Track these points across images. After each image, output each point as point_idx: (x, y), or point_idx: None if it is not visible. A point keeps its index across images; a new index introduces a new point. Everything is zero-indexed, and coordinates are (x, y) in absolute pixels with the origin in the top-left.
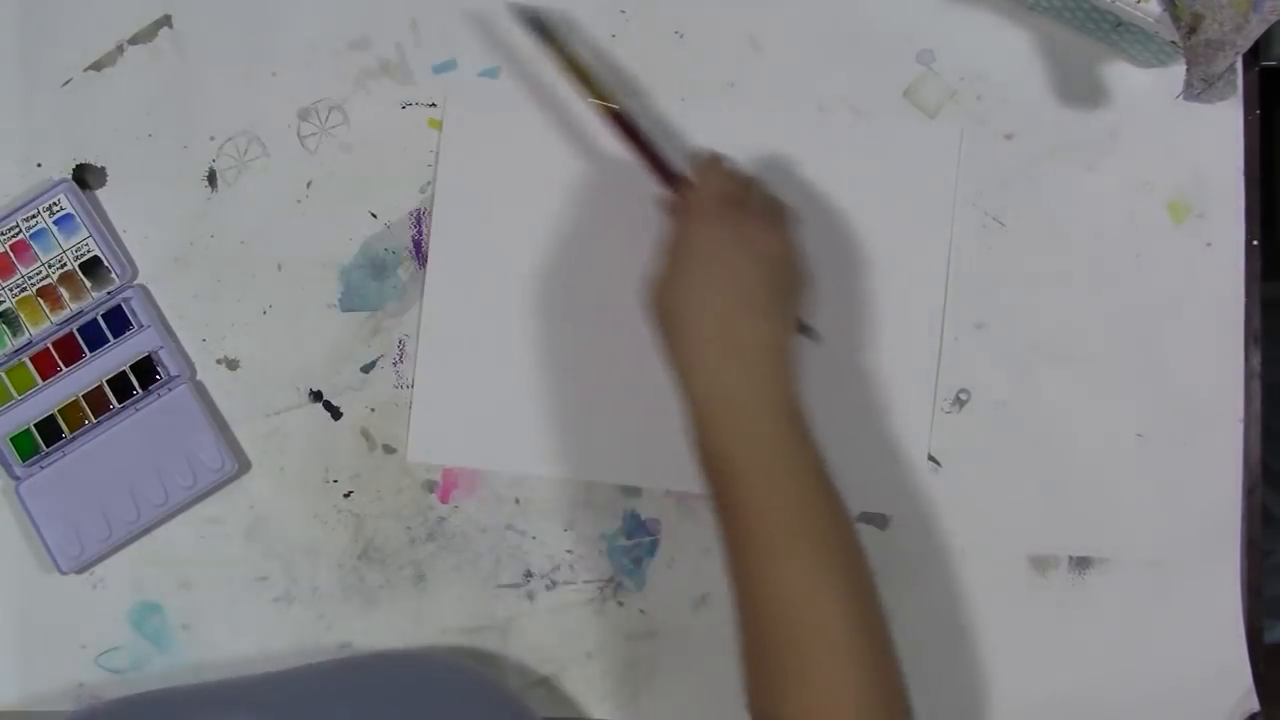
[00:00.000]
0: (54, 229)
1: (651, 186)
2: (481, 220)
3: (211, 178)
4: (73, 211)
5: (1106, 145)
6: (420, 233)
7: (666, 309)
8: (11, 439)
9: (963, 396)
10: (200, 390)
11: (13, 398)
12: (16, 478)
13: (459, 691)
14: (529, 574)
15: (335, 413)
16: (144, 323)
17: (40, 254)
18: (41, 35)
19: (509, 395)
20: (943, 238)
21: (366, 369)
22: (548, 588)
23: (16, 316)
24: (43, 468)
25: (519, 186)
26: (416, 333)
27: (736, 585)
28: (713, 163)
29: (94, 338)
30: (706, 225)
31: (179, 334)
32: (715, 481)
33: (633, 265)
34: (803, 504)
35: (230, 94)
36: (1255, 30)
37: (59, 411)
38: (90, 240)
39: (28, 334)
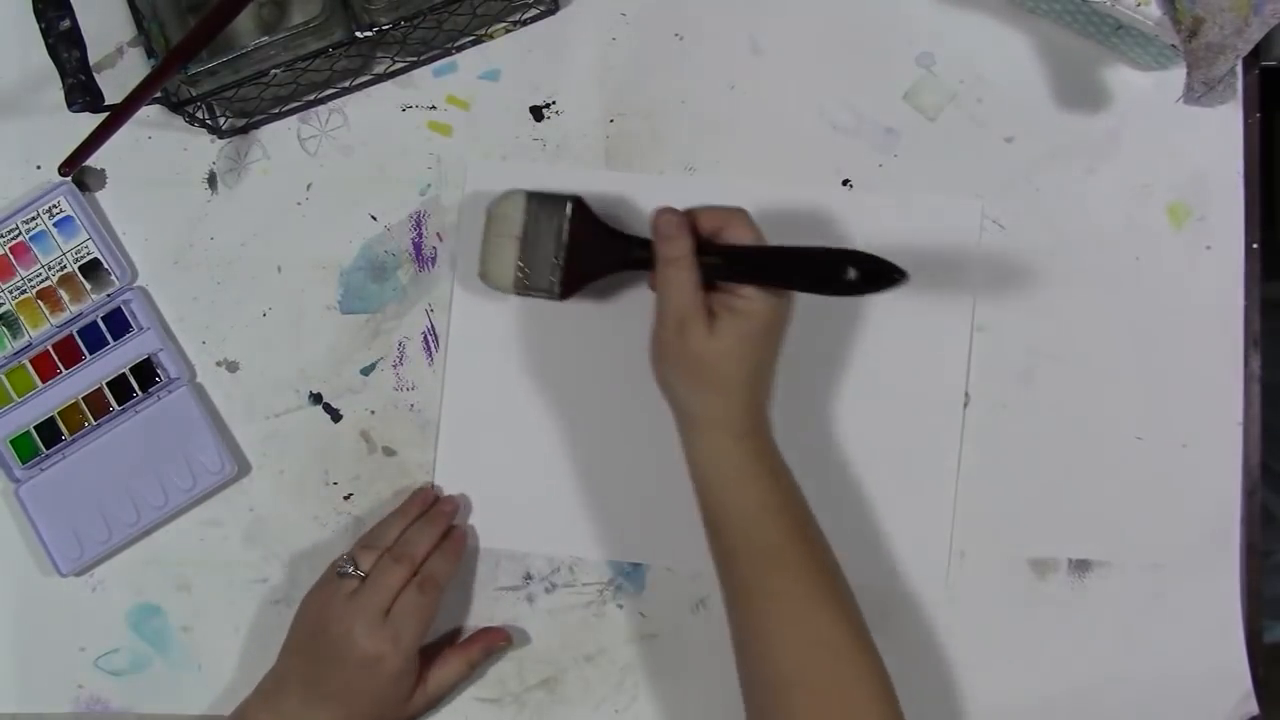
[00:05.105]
0: (54, 231)
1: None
2: (500, 300)
3: (211, 180)
4: (72, 214)
5: (1107, 148)
6: (420, 235)
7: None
8: (11, 441)
9: (963, 399)
10: (200, 392)
11: (12, 400)
12: (16, 480)
13: None
14: (528, 576)
15: (335, 415)
16: (144, 325)
17: (40, 256)
18: (41, 37)
19: (528, 478)
20: (965, 317)
21: (366, 371)
22: (547, 590)
23: (16, 319)
24: (42, 470)
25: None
26: (438, 420)
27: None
28: None
29: (94, 340)
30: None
31: (179, 336)
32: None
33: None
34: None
35: None
36: (1256, 33)
37: (59, 414)
38: (90, 242)
39: (27, 336)
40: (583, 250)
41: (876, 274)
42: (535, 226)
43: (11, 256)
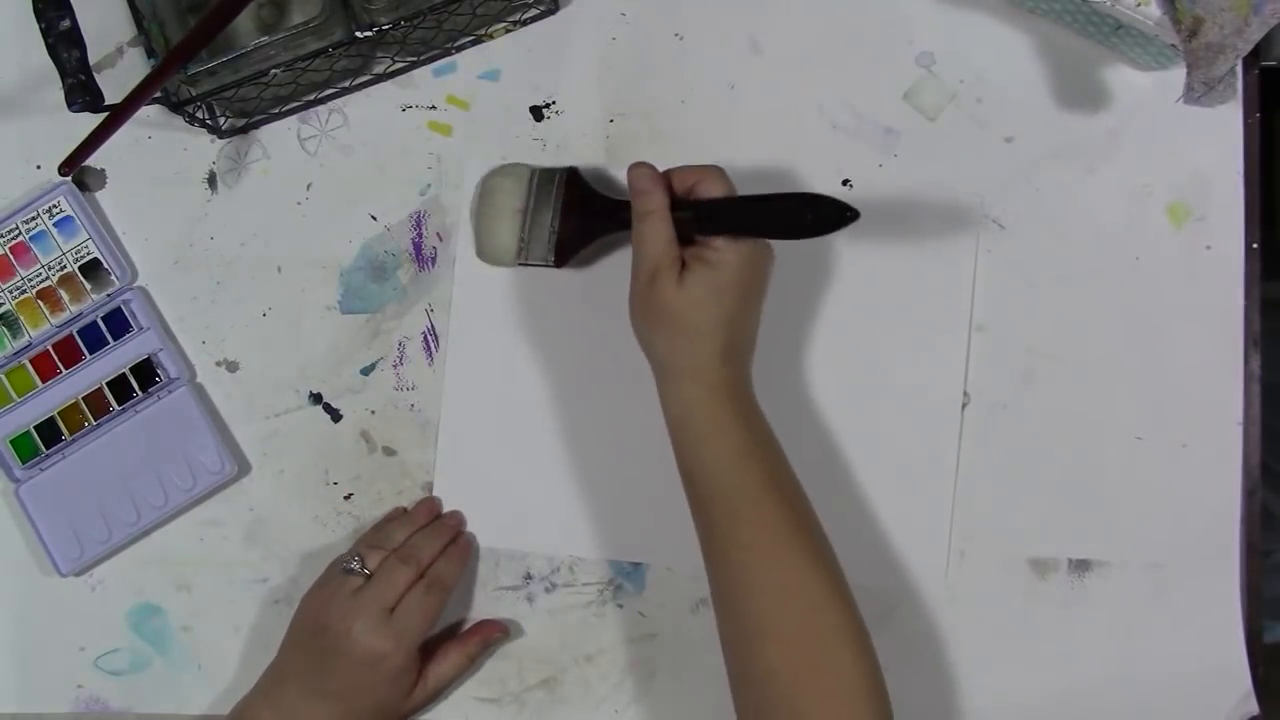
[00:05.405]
0: (54, 231)
1: None
2: (500, 300)
3: (211, 180)
4: (72, 213)
5: (1106, 148)
6: (420, 235)
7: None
8: (11, 441)
9: (962, 399)
10: (200, 392)
11: (12, 400)
12: (16, 480)
13: None
14: (528, 576)
15: (335, 415)
16: (144, 325)
17: (40, 256)
18: (41, 37)
19: (528, 477)
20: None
21: (366, 371)
22: (547, 590)
23: (16, 319)
24: (42, 470)
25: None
26: (438, 420)
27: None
28: None
29: (94, 340)
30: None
31: (179, 336)
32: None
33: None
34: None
35: None
36: (1256, 33)
37: (59, 414)
38: (90, 242)
39: (27, 336)
40: (576, 217)
41: (833, 215)
42: (534, 199)
43: (11, 256)
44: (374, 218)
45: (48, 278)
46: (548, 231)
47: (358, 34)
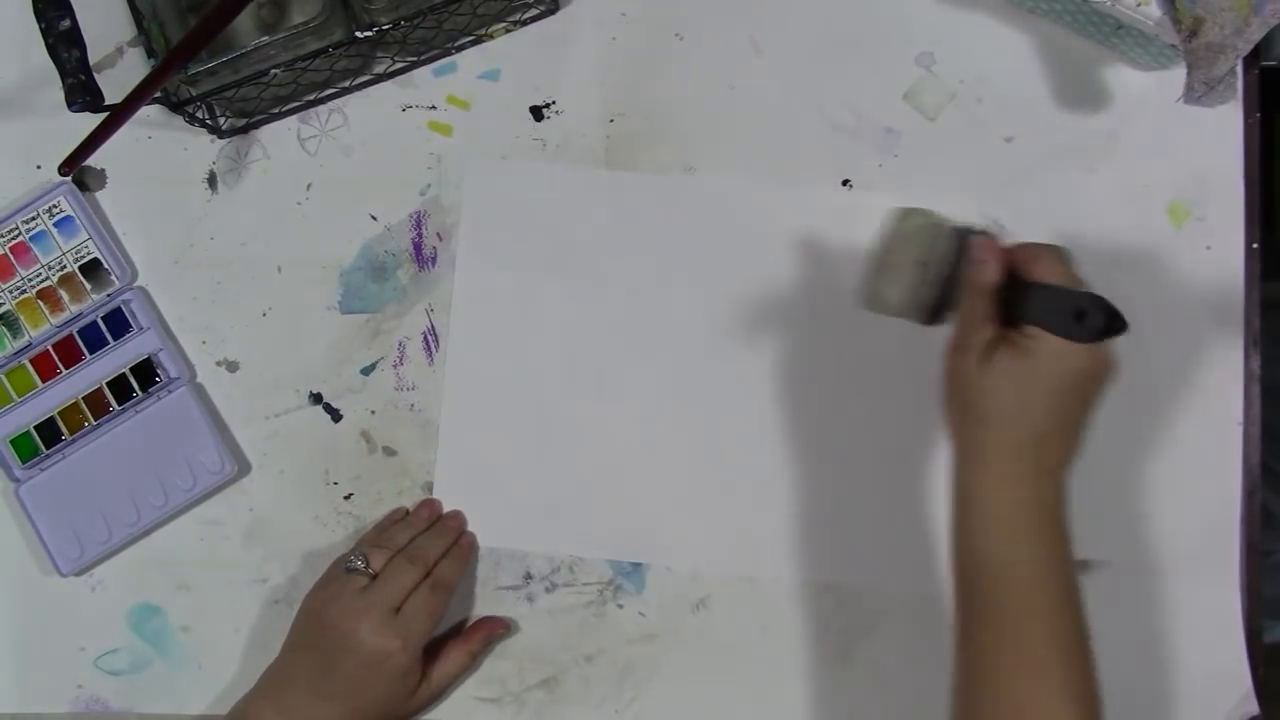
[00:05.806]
0: (54, 231)
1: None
2: (500, 300)
3: (211, 180)
4: (72, 213)
5: (1106, 148)
6: (420, 235)
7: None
8: (11, 441)
9: None
10: (200, 392)
11: (12, 400)
12: (16, 480)
13: None
14: (529, 576)
15: (335, 415)
16: (144, 325)
17: (40, 256)
18: (41, 37)
19: (528, 477)
20: None
21: (366, 371)
22: (547, 590)
23: (16, 319)
24: (43, 470)
25: (538, 262)
26: (438, 420)
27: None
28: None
29: (94, 340)
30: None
31: (179, 336)
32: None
33: (653, 343)
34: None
35: None
36: (1256, 33)
37: (59, 414)
38: (90, 242)
39: (27, 336)
40: (953, 279)
41: (1099, 326)
42: (932, 252)
43: (11, 256)
44: (374, 218)
45: (48, 278)
46: (932, 289)
47: (358, 34)
